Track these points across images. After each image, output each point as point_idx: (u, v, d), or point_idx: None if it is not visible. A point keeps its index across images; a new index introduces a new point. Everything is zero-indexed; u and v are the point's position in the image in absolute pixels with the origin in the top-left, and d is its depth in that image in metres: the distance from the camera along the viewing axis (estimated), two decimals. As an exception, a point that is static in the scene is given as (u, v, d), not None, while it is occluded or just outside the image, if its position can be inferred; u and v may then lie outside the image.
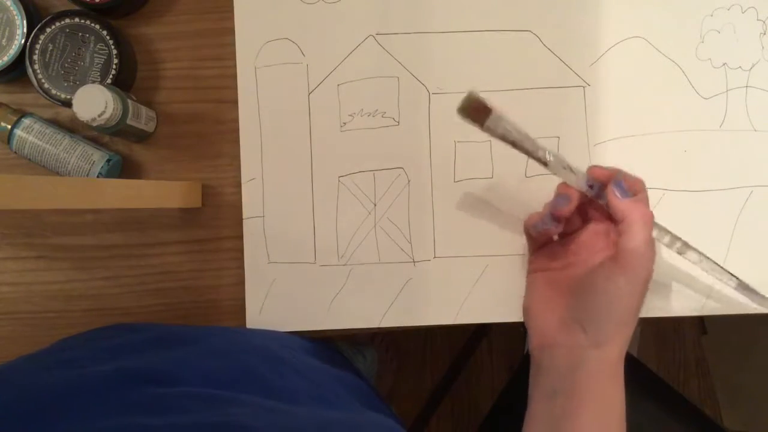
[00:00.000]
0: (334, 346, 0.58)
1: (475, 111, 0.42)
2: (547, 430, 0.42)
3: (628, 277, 0.40)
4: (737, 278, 0.47)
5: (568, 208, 0.43)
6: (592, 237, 0.45)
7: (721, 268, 0.47)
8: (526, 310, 0.47)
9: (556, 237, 0.47)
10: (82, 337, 0.46)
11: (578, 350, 0.42)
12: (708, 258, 0.46)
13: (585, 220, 0.46)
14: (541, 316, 0.45)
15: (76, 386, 0.34)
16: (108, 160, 0.52)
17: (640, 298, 0.41)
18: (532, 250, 0.48)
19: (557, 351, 0.43)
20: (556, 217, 0.44)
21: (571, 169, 0.43)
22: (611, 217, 0.42)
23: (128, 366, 0.37)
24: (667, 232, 0.45)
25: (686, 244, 0.45)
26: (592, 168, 0.43)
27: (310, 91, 0.55)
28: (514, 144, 0.43)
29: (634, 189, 0.42)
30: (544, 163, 0.43)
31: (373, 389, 0.55)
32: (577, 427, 0.40)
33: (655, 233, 0.43)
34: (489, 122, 0.42)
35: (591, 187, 0.43)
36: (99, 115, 0.47)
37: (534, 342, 0.45)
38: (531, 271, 0.48)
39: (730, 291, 0.53)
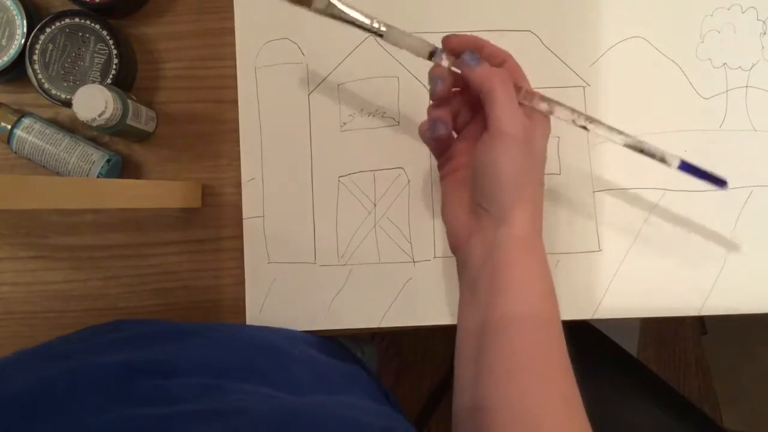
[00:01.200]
0: (337, 340, 0.58)
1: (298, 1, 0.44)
2: (477, 321, 0.40)
3: (502, 140, 0.39)
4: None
5: (442, 88, 0.42)
6: (482, 122, 0.43)
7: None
8: (442, 217, 0.46)
9: (455, 134, 0.46)
10: (84, 332, 0.46)
11: (489, 233, 0.41)
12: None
13: (474, 110, 0.45)
14: (452, 215, 0.44)
15: (78, 380, 0.34)
16: (108, 160, 0.52)
17: (526, 159, 0.40)
18: (436, 156, 0.47)
19: (472, 241, 0.42)
20: (435, 99, 0.43)
21: (410, 36, 0.43)
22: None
23: (130, 359, 0.37)
24: (552, 101, 0.44)
25: (571, 110, 0.44)
26: (447, 37, 0.43)
27: (310, 91, 0.55)
28: (348, 22, 0.44)
29: (497, 58, 0.42)
30: (380, 35, 0.43)
31: (378, 382, 0.55)
32: (502, 307, 0.39)
33: (544, 107, 0.43)
34: (312, 5, 0.44)
35: (438, 54, 0.43)
36: (99, 115, 0.47)
37: (451, 241, 0.45)
38: (441, 178, 0.47)
39: (729, 290, 0.53)
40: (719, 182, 0.44)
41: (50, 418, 0.30)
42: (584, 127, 0.44)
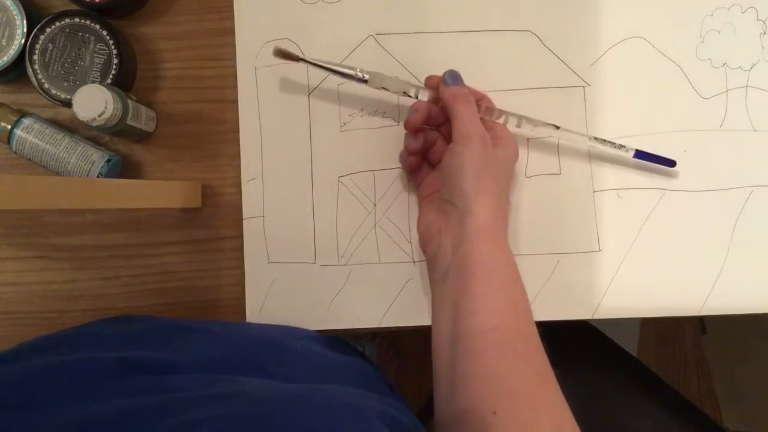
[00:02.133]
0: (337, 336, 0.58)
1: (287, 57, 0.51)
2: (449, 313, 0.45)
3: (463, 143, 0.47)
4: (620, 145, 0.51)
5: (417, 118, 0.49)
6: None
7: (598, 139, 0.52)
8: (417, 227, 0.53)
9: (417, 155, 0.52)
10: (96, 326, 0.46)
11: (456, 226, 0.47)
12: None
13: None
14: (424, 219, 0.51)
15: (71, 374, 0.34)
16: (108, 160, 0.52)
17: (484, 158, 0.46)
18: (415, 183, 0.54)
19: (442, 236, 0.48)
20: (409, 127, 0.50)
21: (392, 78, 0.50)
22: None
23: (126, 356, 0.37)
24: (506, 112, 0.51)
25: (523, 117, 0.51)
26: (428, 78, 0.51)
27: (310, 91, 0.55)
28: (333, 72, 0.50)
29: (476, 95, 0.51)
30: (364, 81, 0.50)
31: (382, 375, 0.55)
32: (471, 296, 0.43)
33: (501, 119, 0.51)
34: (301, 62, 0.51)
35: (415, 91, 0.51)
36: (99, 115, 0.47)
37: (423, 239, 0.51)
38: (419, 201, 0.53)
39: (729, 290, 0.53)
40: (669, 162, 0.52)
41: (43, 408, 0.30)
42: (555, 126, 0.51)
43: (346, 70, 0.50)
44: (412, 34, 0.55)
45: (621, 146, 0.51)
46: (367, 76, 0.50)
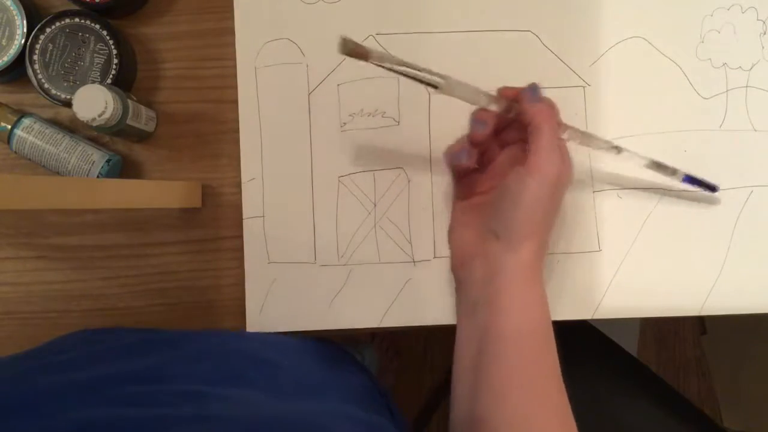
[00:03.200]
0: (334, 345, 0.58)
1: (356, 54, 0.43)
2: (474, 345, 0.42)
3: (535, 177, 0.41)
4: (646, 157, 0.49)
5: (483, 132, 0.44)
6: (509, 160, 0.46)
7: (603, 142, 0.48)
8: (448, 234, 0.48)
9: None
10: (62, 342, 0.47)
11: (493, 258, 0.43)
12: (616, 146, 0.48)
13: (502, 147, 0.48)
14: (459, 235, 0.47)
15: (51, 389, 0.34)
16: (108, 160, 0.52)
17: (550, 199, 0.42)
18: (454, 179, 0.50)
19: (475, 263, 0.44)
20: (473, 142, 0.45)
21: (466, 87, 0.44)
22: (525, 138, 0.43)
23: (107, 372, 0.37)
24: (580, 132, 0.47)
25: (590, 135, 0.47)
26: (503, 88, 0.45)
27: (310, 91, 0.55)
28: (404, 74, 0.44)
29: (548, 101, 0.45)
30: (435, 87, 0.44)
31: (377, 386, 0.55)
32: (501, 325, 0.41)
33: (565, 135, 0.46)
34: (371, 60, 0.43)
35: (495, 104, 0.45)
36: (99, 115, 0.47)
37: (454, 261, 0.47)
38: (455, 199, 0.50)
39: (729, 290, 0.53)
40: (712, 188, 0.51)
41: (26, 418, 0.31)
42: (617, 150, 0.48)
43: (418, 74, 0.44)
44: (412, 34, 0.55)
45: (674, 171, 0.49)
46: (442, 80, 0.44)
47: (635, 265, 0.53)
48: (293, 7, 0.55)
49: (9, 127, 0.51)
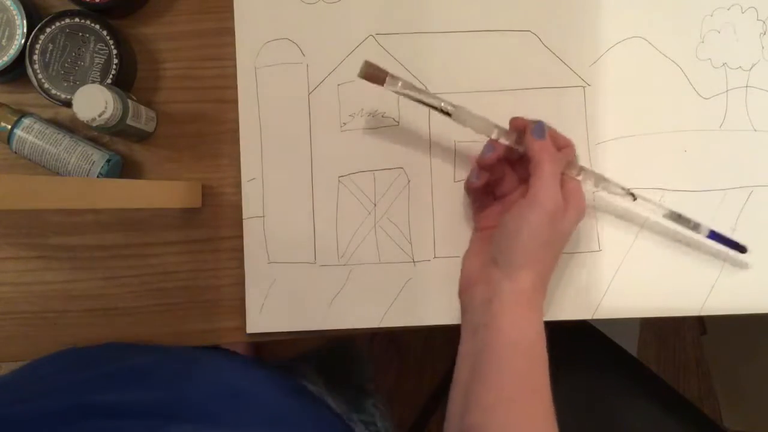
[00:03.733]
0: (298, 380, 0.58)
1: (374, 77, 0.47)
2: (471, 364, 0.44)
3: (534, 210, 0.44)
4: (667, 208, 0.49)
5: (491, 156, 0.47)
6: (520, 194, 0.49)
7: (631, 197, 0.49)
8: (462, 261, 0.51)
9: (479, 184, 0.50)
10: (35, 371, 0.47)
11: (493, 284, 0.45)
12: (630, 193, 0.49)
13: (521, 182, 0.50)
14: (469, 263, 0.50)
15: (22, 421, 0.35)
16: (108, 160, 0.52)
17: (550, 231, 0.44)
18: (474, 209, 0.52)
19: (477, 289, 0.47)
20: (481, 165, 0.48)
21: (477, 117, 0.47)
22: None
23: (83, 401, 0.38)
24: (591, 173, 0.48)
25: (602, 178, 0.49)
26: (514, 118, 0.48)
27: (310, 91, 0.55)
28: (417, 100, 0.48)
29: (559, 142, 0.47)
30: (448, 114, 0.47)
31: (342, 421, 0.55)
32: (495, 354, 0.43)
33: (579, 176, 0.48)
34: (386, 84, 0.48)
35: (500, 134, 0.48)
36: (99, 115, 0.47)
37: (460, 287, 0.49)
38: (474, 230, 0.52)
39: (729, 290, 0.53)
40: (741, 248, 0.51)
41: None
42: (633, 197, 0.49)
43: (431, 101, 0.48)
44: (412, 34, 0.55)
45: (696, 225, 0.49)
46: (452, 108, 0.47)
47: (635, 265, 0.53)
48: (293, 7, 0.55)
49: (9, 127, 0.51)
